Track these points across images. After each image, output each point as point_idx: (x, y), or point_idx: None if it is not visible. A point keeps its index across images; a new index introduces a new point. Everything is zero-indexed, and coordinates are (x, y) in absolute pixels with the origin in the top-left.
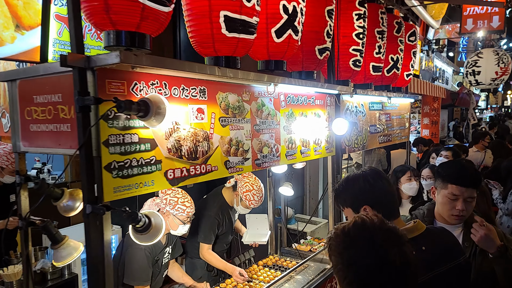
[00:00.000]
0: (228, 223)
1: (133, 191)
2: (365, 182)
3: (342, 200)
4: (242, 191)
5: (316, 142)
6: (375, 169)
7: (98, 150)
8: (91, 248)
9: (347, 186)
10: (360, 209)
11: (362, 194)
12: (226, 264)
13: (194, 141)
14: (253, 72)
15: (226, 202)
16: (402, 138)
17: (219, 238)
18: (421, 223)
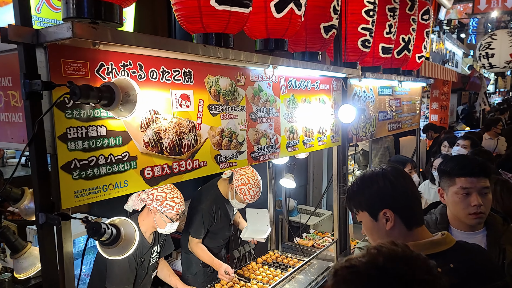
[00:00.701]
0: (224, 217)
1: (100, 195)
2: (385, 181)
3: (357, 202)
4: (237, 184)
5: (320, 131)
6: (396, 167)
7: (53, 146)
8: (46, 266)
9: (363, 186)
10: (379, 213)
11: (382, 195)
12: (213, 259)
13: (178, 133)
14: (246, 52)
15: (222, 194)
16: (412, 125)
17: (215, 233)
18: (450, 236)
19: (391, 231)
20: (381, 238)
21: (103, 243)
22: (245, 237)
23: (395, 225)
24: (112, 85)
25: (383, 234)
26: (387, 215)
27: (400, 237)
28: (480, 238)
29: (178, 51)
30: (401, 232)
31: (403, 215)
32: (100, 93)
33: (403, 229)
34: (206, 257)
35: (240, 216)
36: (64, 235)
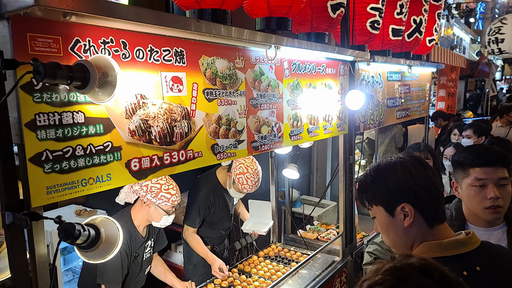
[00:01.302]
0: (223, 207)
1: (79, 190)
2: (405, 172)
3: (371, 196)
4: (235, 172)
5: (326, 118)
6: (415, 156)
7: (20, 135)
8: (16, 272)
9: (378, 177)
10: (396, 208)
11: (401, 188)
12: (207, 253)
13: (169, 120)
14: (244, 29)
15: (220, 183)
16: (421, 112)
17: (215, 223)
18: (475, 236)
19: (410, 228)
20: (398, 236)
21: (79, 246)
22: (246, 229)
23: (414, 221)
24: (86, 64)
25: (401, 231)
26: (405, 210)
27: (419, 235)
28: (499, 234)
29: (166, 26)
30: (420, 229)
31: (424, 211)
32: (70, 73)
33: (423, 226)
34: (200, 249)
35: (243, 207)
36: (35, 236)
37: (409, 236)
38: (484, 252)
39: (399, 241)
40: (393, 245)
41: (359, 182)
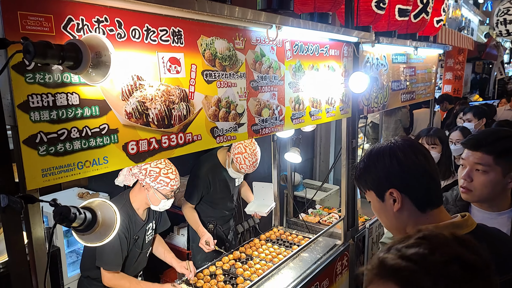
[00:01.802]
0: (223, 187)
1: (75, 173)
2: (392, 158)
3: (363, 181)
4: (234, 152)
5: (329, 101)
6: (409, 140)
7: (13, 116)
8: (13, 255)
9: (369, 163)
10: (385, 193)
11: (388, 174)
12: (198, 226)
13: (167, 102)
14: (247, 9)
15: (220, 163)
16: (427, 95)
17: (215, 203)
18: (471, 219)
19: (399, 213)
20: (389, 220)
21: (76, 230)
22: (249, 211)
23: (403, 206)
24: (78, 43)
25: (391, 216)
26: (393, 195)
27: (411, 219)
28: (504, 219)
29: (165, 4)
30: (411, 214)
31: (413, 196)
32: (62, 52)
33: (414, 211)
34: (192, 221)
35: (247, 189)
36: (32, 219)
37: (400, 221)
38: (480, 235)
39: (391, 225)
40: (387, 228)
41: (355, 168)
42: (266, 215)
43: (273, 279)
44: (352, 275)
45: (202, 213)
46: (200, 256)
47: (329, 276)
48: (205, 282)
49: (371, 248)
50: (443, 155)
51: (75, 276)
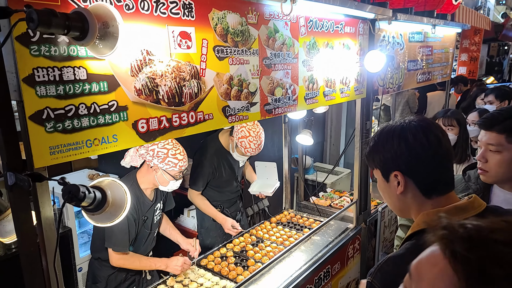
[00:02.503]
0: (228, 170)
1: (84, 151)
2: (400, 140)
3: (371, 159)
4: (237, 136)
5: (343, 81)
6: (424, 121)
7: (18, 91)
8: (21, 233)
9: (378, 142)
10: (390, 174)
11: (395, 156)
12: (216, 213)
13: (177, 79)
14: None
15: (223, 147)
16: (443, 76)
17: (221, 186)
18: (479, 200)
19: (403, 196)
20: (392, 201)
21: (86, 209)
22: (253, 191)
23: (407, 190)
24: (84, 12)
25: (395, 197)
26: (398, 178)
27: (415, 204)
28: None
29: None
30: (415, 198)
31: (418, 181)
32: (67, 21)
33: (418, 196)
34: (208, 210)
35: (250, 170)
36: (40, 198)
37: (403, 203)
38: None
39: (394, 206)
40: (390, 207)
41: (367, 144)
42: (271, 195)
43: (285, 261)
44: (364, 258)
45: (208, 198)
46: (210, 240)
47: (340, 260)
48: (216, 264)
49: (383, 232)
50: (460, 137)
51: (87, 256)
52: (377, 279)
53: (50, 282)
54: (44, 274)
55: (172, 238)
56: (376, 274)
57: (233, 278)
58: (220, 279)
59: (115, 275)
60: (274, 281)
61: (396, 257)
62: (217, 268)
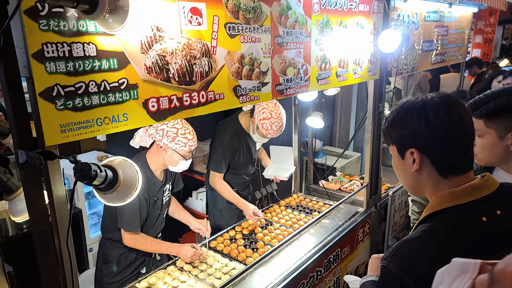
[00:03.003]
0: (246, 152)
1: (94, 130)
2: (420, 117)
3: (388, 134)
4: (258, 118)
5: (356, 61)
6: (447, 98)
7: (28, 67)
8: (33, 212)
9: (397, 117)
10: (406, 151)
11: (413, 132)
12: (238, 199)
13: (188, 57)
14: None
15: (243, 128)
16: (458, 57)
17: (238, 169)
18: (492, 178)
19: (418, 174)
20: (406, 178)
21: (97, 188)
22: (268, 175)
23: (422, 168)
24: None
25: (409, 175)
26: (414, 155)
27: (429, 183)
28: None
29: None
30: (431, 178)
31: (435, 160)
32: None
33: (434, 174)
34: (230, 195)
35: (264, 153)
36: (52, 177)
37: (417, 182)
38: (505, 194)
39: (408, 183)
40: (404, 185)
41: (385, 118)
42: (286, 179)
43: (294, 244)
44: (374, 242)
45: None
46: (223, 222)
47: (350, 243)
48: (225, 246)
49: (393, 216)
50: None
51: (97, 237)
52: (393, 262)
53: (63, 261)
54: (56, 253)
55: (182, 220)
56: (392, 258)
57: (242, 260)
58: (230, 260)
59: (125, 255)
60: (283, 263)
61: (412, 240)
62: (226, 250)
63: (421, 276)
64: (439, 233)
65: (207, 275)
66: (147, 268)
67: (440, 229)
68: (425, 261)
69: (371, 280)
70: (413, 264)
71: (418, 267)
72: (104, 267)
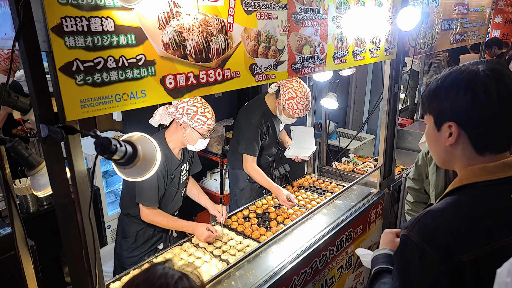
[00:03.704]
0: (272, 134)
1: (113, 106)
2: (467, 91)
3: (428, 103)
4: (284, 98)
5: (373, 40)
6: (498, 70)
7: (47, 41)
8: (55, 186)
9: (441, 86)
10: (443, 124)
11: (456, 106)
12: (271, 184)
13: (205, 33)
14: None
15: (269, 110)
16: (478, 37)
17: (263, 150)
18: None
19: (452, 148)
20: (437, 151)
21: (117, 163)
22: (289, 154)
23: (458, 143)
24: None
25: (442, 148)
26: (451, 129)
27: (463, 158)
28: None
29: None
30: (465, 153)
31: (474, 136)
32: None
33: (469, 151)
34: (263, 180)
35: (284, 133)
36: (73, 151)
37: (450, 156)
38: None
39: (438, 156)
40: (434, 157)
41: (426, 84)
42: (308, 159)
43: (307, 224)
44: (386, 223)
45: None
46: (244, 201)
47: (363, 224)
48: (239, 224)
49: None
50: None
51: (115, 215)
52: (414, 232)
53: (85, 234)
54: (78, 226)
55: (201, 203)
56: (413, 227)
57: (256, 238)
58: (244, 238)
59: (143, 230)
60: (296, 242)
61: (437, 211)
62: (240, 228)
63: (442, 246)
64: (464, 206)
65: (222, 252)
66: (164, 244)
67: (466, 202)
68: (448, 233)
69: (384, 253)
70: (435, 234)
71: (440, 237)
72: (123, 242)
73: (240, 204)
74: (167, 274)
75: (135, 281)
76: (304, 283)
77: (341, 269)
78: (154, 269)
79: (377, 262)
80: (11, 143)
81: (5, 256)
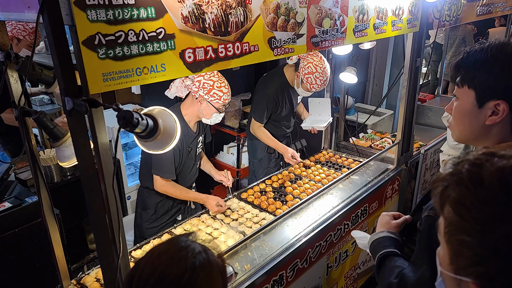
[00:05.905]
0: (288, 105)
1: (134, 80)
2: None
3: (470, 75)
4: (303, 72)
5: (395, 12)
6: None
7: (70, 15)
8: (80, 157)
9: (493, 61)
10: (489, 101)
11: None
12: (277, 144)
13: (223, 6)
14: None
15: (287, 81)
16: (505, 9)
17: (279, 121)
18: None
19: (490, 126)
20: (471, 129)
21: (139, 136)
22: (305, 126)
23: (500, 122)
24: None
25: (478, 126)
26: (498, 108)
27: (497, 137)
28: None
29: None
30: (501, 132)
31: None
32: None
33: (507, 130)
34: (269, 141)
35: (301, 106)
36: (96, 124)
37: (484, 134)
38: None
39: (471, 132)
40: (460, 133)
41: (466, 53)
42: (324, 129)
43: (323, 198)
44: (402, 199)
45: None
46: (262, 171)
47: (378, 199)
48: (255, 198)
49: (423, 175)
50: None
51: (134, 186)
52: None
53: (109, 203)
54: (102, 196)
55: (206, 170)
56: None
57: (272, 211)
58: (260, 211)
59: (162, 202)
60: (312, 215)
61: None
62: (256, 201)
63: None
64: None
65: (238, 224)
66: (182, 215)
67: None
68: None
69: (384, 236)
70: None
71: None
72: (143, 213)
73: (257, 174)
74: (188, 248)
75: (157, 250)
76: (319, 256)
77: (356, 243)
78: (177, 241)
79: (380, 246)
80: (37, 115)
81: (32, 223)
